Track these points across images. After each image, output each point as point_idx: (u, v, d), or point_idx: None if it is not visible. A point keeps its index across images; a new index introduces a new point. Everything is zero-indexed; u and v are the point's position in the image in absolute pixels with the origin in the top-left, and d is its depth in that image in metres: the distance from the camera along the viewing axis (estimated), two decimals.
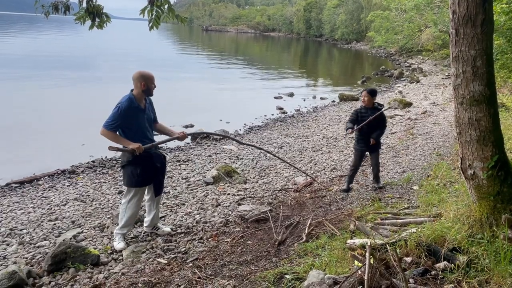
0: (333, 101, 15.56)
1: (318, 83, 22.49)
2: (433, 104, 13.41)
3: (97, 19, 3.66)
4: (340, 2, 68.29)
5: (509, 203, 2.84)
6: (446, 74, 22.23)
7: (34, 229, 4.64)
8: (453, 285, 2.47)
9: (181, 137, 4.29)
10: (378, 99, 6.02)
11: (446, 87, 17.51)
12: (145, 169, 4.05)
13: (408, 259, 2.78)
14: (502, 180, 2.87)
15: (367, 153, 5.62)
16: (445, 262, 2.68)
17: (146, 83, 3.95)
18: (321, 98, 16.25)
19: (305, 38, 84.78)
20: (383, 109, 5.35)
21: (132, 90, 4.00)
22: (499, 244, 2.63)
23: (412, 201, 4.70)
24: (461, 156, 3.06)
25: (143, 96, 4.02)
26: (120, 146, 3.92)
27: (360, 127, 5.20)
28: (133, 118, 3.95)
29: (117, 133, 3.93)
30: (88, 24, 3.78)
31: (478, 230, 2.87)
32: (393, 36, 28.75)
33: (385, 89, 19.09)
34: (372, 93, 5.35)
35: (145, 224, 4.49)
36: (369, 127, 5.23)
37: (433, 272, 2.62)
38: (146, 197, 4.37)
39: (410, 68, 27.93)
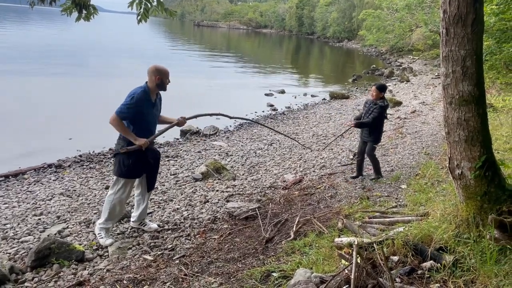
0: (324, 99, 15.60)
1: (309, 81, 22.51)
2: (423, 104, 13.51)
3: (84, 11, 3.58)
4: (333, 0, 68.40)
5: (495, 203, 2.85)
6: (436, 74, 22.41)
7: (18, 224, 4.56)
8: (439, 285, 2.48)
9: (181, 123, 4.27)
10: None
11: (436, 86, 17.66)
12: (137, 162, 4.00)
13: (395, 258, 2.78)
14: (489, 180, 2.88)
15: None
16: (431, 261, 2.68)
17: (161, 77, 3.93)
18: (312, 96, 16.26)
19: (297, 35, 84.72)
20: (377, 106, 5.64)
21: (146, 83, 3.96)
22: (485, 244, 2.64)
23: (400, 200, 4.71)
24: (449, 155, 3.06)
25: (156, 90, 4.01)
26: (132, 148, 3.89)
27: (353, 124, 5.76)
28: (143, 112, 3.91)
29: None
30: (75, 16, 3.70)
31: (464, 230, 2.87)
32: (384, 35, 28.87)
33: None
34: (380, 88, 5.66)
35: (132, 219, 4.42)
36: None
37: (419, 272, 2.62)
38: (136, 191, 4.31)
39: (401, 68, 28.13)
